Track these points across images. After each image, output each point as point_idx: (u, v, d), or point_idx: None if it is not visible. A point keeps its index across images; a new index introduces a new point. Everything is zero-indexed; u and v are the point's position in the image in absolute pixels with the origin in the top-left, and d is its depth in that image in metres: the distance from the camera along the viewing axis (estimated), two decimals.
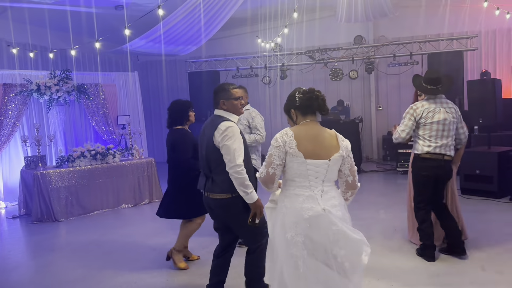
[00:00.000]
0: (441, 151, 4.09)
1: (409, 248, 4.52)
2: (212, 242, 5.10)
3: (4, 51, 8.73)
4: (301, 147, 2.47)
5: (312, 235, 2.41)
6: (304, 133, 2.52)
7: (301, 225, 2.42)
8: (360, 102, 11.53)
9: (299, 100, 2.60)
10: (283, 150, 2.48)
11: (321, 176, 2.49)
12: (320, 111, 2.62)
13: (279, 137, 2.52)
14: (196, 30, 8.73)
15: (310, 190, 2.48)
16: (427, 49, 9.81)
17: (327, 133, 2.60)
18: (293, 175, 2.51)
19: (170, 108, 4.35)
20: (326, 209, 2.43)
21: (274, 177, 2.52)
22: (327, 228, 2.40)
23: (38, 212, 6.59)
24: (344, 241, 2.41)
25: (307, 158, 2.46)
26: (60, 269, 4.55)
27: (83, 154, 7.08)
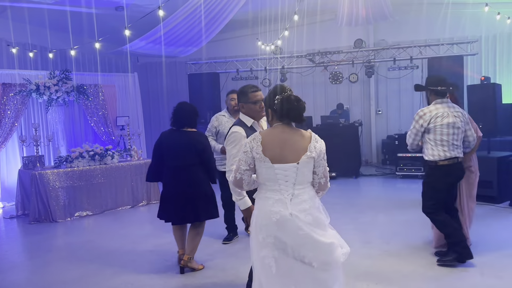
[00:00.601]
0: (455, 154, 4.10)
1: (407, 253, 4.50)
2: (210, 245, 5.09)
3: (4, 50, 8.72)
4: (267, 152, 2.46)
5: (281, 236, 2.42)
6: (272, 137, 2.51)
7: (270, 228, 2.44)
8: (359, 106, 11.52)
9: (278, 104, 2.54)
10: (250, 155, 2.49)
11: (291, 179, 2.47)
12: (296, 121, 2.57)
13: (248, 142, 2.52)
14: (197, 31, 8.73)
15: (280, 193, 2.47)
16: (427, 54, 9.81)
17: (299, 135, 2.53)
18: (263, 179, 2.51)
19: (187, 109, 4.22)
20: (293, 214, 2.42)
21: (241, 181, 2.55)
22: (294, 232, 2.41)
23: (36, 212, 6.56)
24: (311, 245, 2.41)
25: (275, 163, 2.45)
26: (57, 270, 4.51)
27: (82, 155, 7.06)
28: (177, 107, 4.23)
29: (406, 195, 7.48)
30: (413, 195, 7.81)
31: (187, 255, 4.18)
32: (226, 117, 5.13)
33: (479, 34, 9.86)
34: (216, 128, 5.15)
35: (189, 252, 4.19)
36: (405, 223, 5.56)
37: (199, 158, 4.10)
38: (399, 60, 9.95)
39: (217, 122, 5.16)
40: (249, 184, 2.58)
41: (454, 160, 4.09)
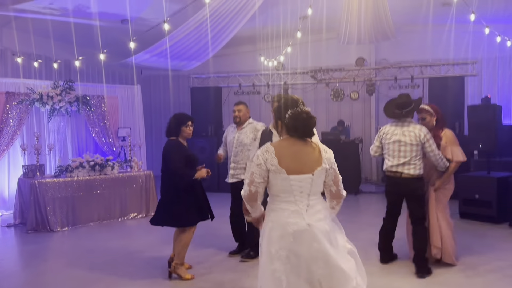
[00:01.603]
0: (397, 169, 4.43)
1: (406, 271, 4.47)
2: (208, 258, 5.06)
3: (9, 60, 8.80)
4: (283, 164, 2.47)
5: (296, 249, 2.41)
6: (285, 149, 2.53)
7: (285, 239, 2.43)
8: (360, 123, 11.56)
9: (288, 119, 2.56)
10: (264, 168, 2.48)
11: (305, 190, 2.50)
12: (306, 136, 2.58)
13: (260, 155, 2.51)
14: (201, 46, 8.82)
15: (296, 204, 2.48)
16: (428, 73, 9.89)
17: (309, 146, 2.58)
18: (277, 191, 2.52)
19: (170, 119, 4.48)
20: (311, 224, 2.44)
21: (256, 195, 2.52)
22: (309, 245, 2.41)
23: (33, 221, 6.53)
24: (323, 262, 2.40)
25: (290, 174, 2.47)
26: (53, 279, 4.48)
27: (82, 165, 7.06)
28: None
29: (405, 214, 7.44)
30: None
31: (174, 261, 4.31)
32: (232, 127, 5.25)
33: (480, 56, 9.95)
34: (224, 138, 5.31)
35: (175, 257, 4.33)
36: (404, 240, 5.51)
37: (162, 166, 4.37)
38: (400, 79, 10.03)
39: (226, 132, 5.32)
40: (261, 198, 2.57)
41: (396, 174, 4.44)
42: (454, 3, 6.50)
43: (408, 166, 4.38)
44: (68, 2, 7.45)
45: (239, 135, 5.01)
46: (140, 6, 8.08)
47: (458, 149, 4.51)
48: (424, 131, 4.38)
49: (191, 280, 4.27)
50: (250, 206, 2.61)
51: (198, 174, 4.22)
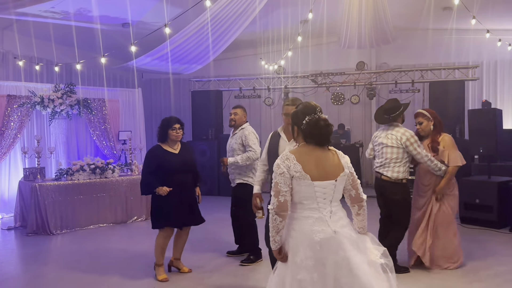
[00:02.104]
0: (378, 170, 4.58)
1: (405, 276, 4.47)
2: (207, 262, 5.05)
3: (10, 63, 8.82)
4: (307, 169, 2.43)
5: (323, 257, 2.36)
6: (306, 155, 2.49)
7: (312, 248, 2.37)
8: (360, 127, 11.56)
9: (306, 126, 2.53)
10: (287, 176, 2.42)
11: (328, 197, 2.47)
12: (323, 145, 2.54)
13: (281, 163, 2.45)
14: (202, 50, 8.83)
15: (319, 212, 2.45)
16: (429, 78, 9.90)
17: (329, 152, 2.56)
18: (300, 198, 2.46)
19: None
20: (337, 231, 2.41)
21: (286, 204, 2.42)
22: (335, 252, 2.37)
23: (34, 224, 6.53)
24: (346, 271, 2.36)
25: (314, 180, 2.43)
26: (53, 282, 4.48)
27: (83, 168, 7.07)
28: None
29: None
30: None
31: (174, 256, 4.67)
32: (232, 132, 5.27)
33: (481, 60, 9.97)
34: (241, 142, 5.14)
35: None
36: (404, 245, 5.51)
37: None
38: (401, 83, 10.03)
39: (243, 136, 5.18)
40: (289, 209, 2.46)
41: (377, 175, 4.63)
42: (455, 7, 6.51)
43: (387, 168, 4.49)
44: (70, 5, 7.47)
45: (231, 140, 5.10)
46: (141, 9, 8.10)
47: (456, 153, 4.51)
48: (408, 135, 4.42)
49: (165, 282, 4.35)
50: (279, 219, 2.42)
51: (159, 190, 4.29)
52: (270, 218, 2.45)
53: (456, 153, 4.52)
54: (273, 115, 11.88)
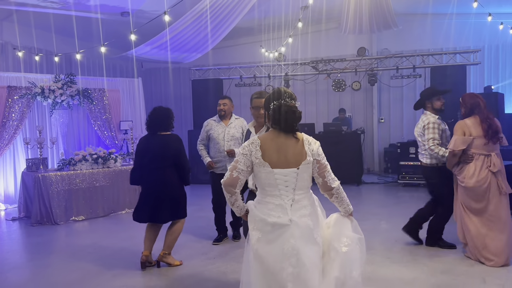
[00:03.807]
0: (419, 157, 4.94)
1: (409, 259, 4.49)
2: (211, 249, 5.09)
3: (10, 54, 8.79)
4: (267, 157, 2.45)
5: (271, 238, 2.43)
6: (270, 142, 2.49)
7: (264, 228, 2.45)
8: (362, 114, 11.54)
9: (272, 112, 2.54)
10: (249, 158, 2.48)
11: (291, 184, 2.47)
12: (287, 131, 2.52)
13: (246, 146, 2.51)
14: (201, 38, 8.78)
15: (281, 199, 2.47)
16: (430, 63, 9.85)
17: (294, 140, 2.52)
18: (263, 184, 2.50)
19: (160, 113, 4.44)
20: (293, 220, 2.42)
21: (237, 180, 2.47)
22: (286, 240, 2.39)
23: (38, 214, 6.58)
24: (295, 260, 2.37)
25: (274, 168, 2.44)
26: (58, 271, 4.52)
27: (85, 158, 7.08)
28: (151, 112, 4.49)
29: (408, 203, 7.46)
30: (415, 203, 7.79)
31: (163, 250, 4.43)
32: (216, 121, 5.39)
33: (482, 44, 9.90)
34: (207, 133, 5.39)
35: (165, 248, 4.45)
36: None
37: (172, 160, 4.36)
38: (402, 68, 9.99)
39: (208, 126, 5.41)
40: (240, 187, 2.53)
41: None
42: None
43: (422, 155, 4.82)
44: None
45: (229, 130, 5.24)
46: None
47: (454, 138, 4.43)
48: (425, 121, 4.60)
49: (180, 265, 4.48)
50: (228, 194, 2.53)
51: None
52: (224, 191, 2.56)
53: (454, 138, 4.43)
54: None
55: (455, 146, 4.35)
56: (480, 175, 4.26)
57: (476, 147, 4.31)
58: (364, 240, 2.62)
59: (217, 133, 5.26)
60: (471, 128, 4.34)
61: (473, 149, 4.32)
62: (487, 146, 4.30)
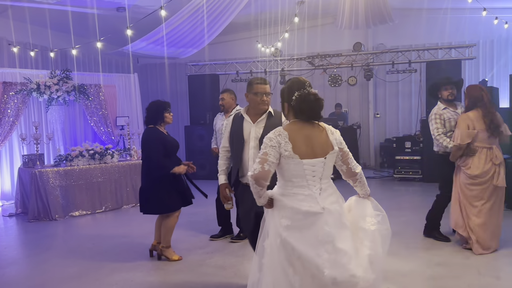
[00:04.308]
0: None
1: (406, 253, 4.53)
2: (208, 243, 5.12)
3: (5, 49, 8.73)
4: (296, 149, 2.43)
5: (302, 226, 2.41)
6: (297, 133, 2.48)
7: (295, 216, 2.43)
8: (358, 109, 11.58)
9: (295, 101, 2.52)
10: (278, 150, 2.43)
11: (318, 174, 2.49)
12: (313, 119, 2.54)
13: (273, 137, 2.45)
14: (197, 33, 8.77)
15: (309, 189, 2.47)
16: (425, 58, 9.89)
17: (319, 129, 2.55)
18: (290, 176, 2.47)
19: (147, 107, 4.48)
20: (325, 208, 2.43)
21: (268, 174, 2.42)
22: (320, 227, 2.40)
23: (35, 210, 6.57)
24: (331, 247, 2.38)
25: (303, 158, 2.43)
26: (57, 266, 4.53)
27: (82, 154, 7.08)
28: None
29: (404, 197, 7.55)
30: (411, 197, 7.87)
31: (161, 244, 4.50)
32: (220, 115, 5.50)
33: (477, 39, 9.94)
34: (214, 126, 5.60)
35: (161, 241, 4.49)
36: (403, 223, 5.60)
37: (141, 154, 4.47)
38: (398, 63, 10.02)
39: (215, 121, 5.61)
40: (269, 180, 2.46)
41: None
42: None
43: (433, 143, 4.92)
44: None
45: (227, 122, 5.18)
46: None
47: (458, 132, 4.49)
48: (432, 112, 4.88)
49: (179, 260, 4.46)
50: (258, 187, 2.44)
51: (176, 169, 4.29)
52: (251, 185, 2.46)
53: (458, 131, 4.48)
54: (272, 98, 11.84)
55: (461, 140, 4.43)
56: (485, 167, 4.38)
57: (479, 140, 4.40)
58: (386, 217, 2.66)
59: (218, 126, 5.41)
60: (475, 122, 4.41)
61: (477, 143, 4.41)
62: (489, 139, 4.40)
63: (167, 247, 4.49)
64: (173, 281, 3.99)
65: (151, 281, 4.01)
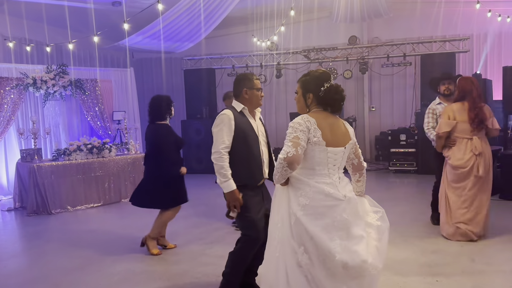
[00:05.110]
0: None
1: (401, 240, 4.63)
2: (209, 234, 5.19)
3: (0, 44, 8.72)
4: (324, 136, 2.48)
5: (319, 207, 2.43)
6: (323, 121, 2.53)
7: (316, 196, 2.44)
8: (353, 102, 11.63)
9: (325, 92, 2.58)
10: (307, 135, 2.45)
11: (337, 163, 2.56)
12: (338, 111, 2.63)
13: (302, 122, 2.46)
14: (193, 27, 8.79)
15: (329, 177, 2.51)
16: (420, 51, 9.97)
17: (339, 120, 2.65)
18: (312, 164, 2.50)
19: (153, 103, 4.48)
20: (346, 196, 2.49)
21: (301, 158, 2.43)
22: (339, 214, 2.43)
23: (34, 204, 6.61)
24: (345, 234, 2.43)
25: (328, 146, 2.49)
26: (58, 258, 4.59)
27: (80, 148, 7.11)
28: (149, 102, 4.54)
29: (399, 188, 7.65)
30: (405, 188, 7.98)
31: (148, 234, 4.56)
32: None
33: (471, 32, 10.03)
34: None
35: (151, 232, 4.55)
36: (398, 214, 5.70)
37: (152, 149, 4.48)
38: (393, 56, 10.10)
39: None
40: (299, 164, 2.47)
41: None
42: None
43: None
44: None
45: None
46: None
47: (439, 122, 4.78)
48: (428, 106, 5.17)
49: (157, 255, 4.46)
50: (289, 170, 2.41)
51: (183, 169, 4.48)
52: (279, 167, 2.42)
53: (440, 121, 4.75)
54: (267, 92, 11.91)
55: (439, 129, 4.69)
56: (465, 158, 4.53)
57: (460, 131, 4.57)
58: (385, 213, 2.72)
59: None
60: (456, 113, 4.60)
61: (457, 133, 4.59)
62: (472, 132, 4.54)
63: (153, 238, 4.54)
64: (173, 271, 4.06)
65: (152, 271, 4.08)
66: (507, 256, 4.12)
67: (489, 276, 3.67)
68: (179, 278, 3.88)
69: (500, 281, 3.57)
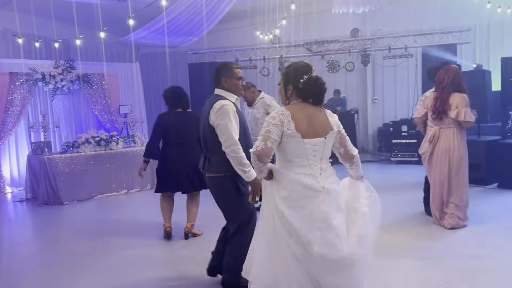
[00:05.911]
0: None
1: (397, 227, 4.78)
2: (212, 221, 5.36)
3: (10, 40, 8.93)
4: (299, 128, 2.48)
5: (299, 199, 2.47)
6: (299, 113, 2.53)
7: (295, 188, 2.48)
8: (356, 94, 11.76)
9: (304, 84, 2.59)
10: (280, 129, 2.48)
11: (318, 154, 2.55)
12: (319, 102, 2.63)
13: (276, 116, 2.50)
14: (197, 21, 8.94)
15: (310, 168, 2.52)
16: (421, 42, 10.05)
17: (319, 111, 2.63)
18: (291, 156, 2.52)
19: (180, 92, 4.72)
20: (325, 187, 2.50)
21: (271, 151, 2.46)
22: (317, 205, 2.46)
23: (45, 195, 6.84)
24: (324, 225, 2.44)
25: (304, 138, 2.49)
26: (68, 244, 4.82)
27: (88, 141, 7.33)
28: (170, 91, 4.71)
29: (400, 178, 7.78)
30: (406, 178, 8.09)
31: (190, 222, 4.68)
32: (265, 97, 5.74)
33: (473, 23, 10.08)
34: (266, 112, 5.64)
35: (191, 220, 4.69)
36: (397, 202, 5.84)
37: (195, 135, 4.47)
38: (394, 48, 10.19)
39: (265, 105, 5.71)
40: (271, 157, 2.52)
41: None
42: None
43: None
44: None
45: (252, 111, 5.68)
46: None
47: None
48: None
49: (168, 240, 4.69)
50: (260, 164, 2.47)
51: None
52: (253, 161, 2.51)
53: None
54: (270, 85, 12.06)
55: (414, 115, 5.05)
56: (425, 146, 4.82)
57: (429, 119, 4.78)
58: (378, 198, 2.76)
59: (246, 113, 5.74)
60: (426, 101, 4.82)
61: (429, 121, 4.79)
62: (435, 120, 4.67)
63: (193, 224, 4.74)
64: (178, 255, 4.29)
65: (159, 255, 4.30)
66: (500, 241, 4.27)
67: (481, 259, 3.81)
68: (183, 262, 4.08)
69: (491, 264, 3.70)
